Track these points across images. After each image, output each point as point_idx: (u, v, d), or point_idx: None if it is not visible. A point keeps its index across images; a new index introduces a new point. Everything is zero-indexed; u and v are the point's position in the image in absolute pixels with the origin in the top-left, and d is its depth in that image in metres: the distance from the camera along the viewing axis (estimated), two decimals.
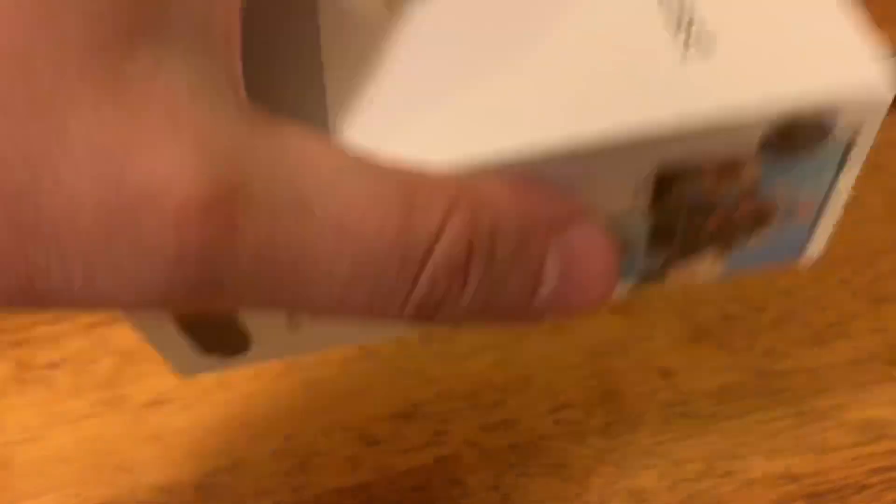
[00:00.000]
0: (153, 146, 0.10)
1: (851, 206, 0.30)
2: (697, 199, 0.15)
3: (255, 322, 0.16)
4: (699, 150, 0.14)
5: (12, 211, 0.10)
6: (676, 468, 0.26)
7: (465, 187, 0.12)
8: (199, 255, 0.11)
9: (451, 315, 0.13)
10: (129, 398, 0.28)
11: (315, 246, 0.11)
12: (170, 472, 0.26)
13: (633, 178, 0.14)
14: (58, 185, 0.10)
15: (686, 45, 0.14)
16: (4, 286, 0.11)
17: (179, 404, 0.28)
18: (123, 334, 0.29)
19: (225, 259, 0.11)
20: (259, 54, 0.14)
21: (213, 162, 0.11)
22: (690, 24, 0.14)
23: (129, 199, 0.10)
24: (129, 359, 0.29)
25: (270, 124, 0.12)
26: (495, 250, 0.12)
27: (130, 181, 0.10)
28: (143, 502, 0.26)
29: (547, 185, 0.13)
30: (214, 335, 0.16)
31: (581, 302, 0.14)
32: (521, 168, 0.13)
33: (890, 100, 0.13)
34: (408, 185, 0.12)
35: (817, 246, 0.17)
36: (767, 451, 0.26)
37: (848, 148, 0.14)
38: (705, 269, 0.16)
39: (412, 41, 0.15)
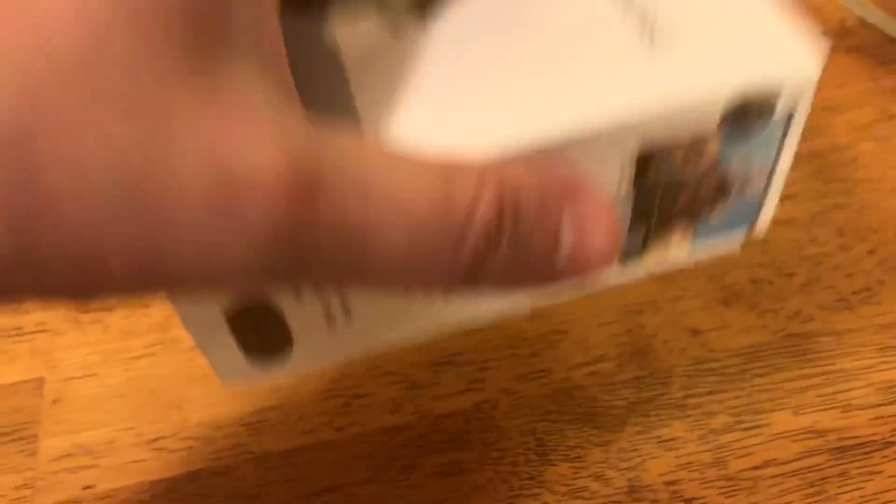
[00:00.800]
0: (243, 140, 0.12)
1: (878, 181, 0.31)
2: (670, 176, 0.17)
3: (298, 319, 0.18)
4: (670, 132, 0.16)
5: (135, 198, 0.12)
6: (705, 420, 0.27)
7: (490, 166, 0.15)
8: (288, 229, 0.13)
9: (489, 279, 0.15)
10: (180, 340, 0.29)
11: (378, 221, 0.13)
12: (218, 409, 0.28)
13: (618, 160, 0.17)
14: (171, 174, 0.12)
15: (651, 45, 0.17)
16: (131, 265, 0.12)
17: None
18: None
19: (308, 233, 0.13)
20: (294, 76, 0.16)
21: (292, 153, 0.13)
22: (653, 26, 0.17)
23: (229, 185, 0.12)
24: None
25: (326, 126, 0.14)
26: (519, 216, 0.15)
27: (229, 169, 0.12)
28: (192, 437, 0.27)
29: (555, 164, 0.16)
30: (260, 333, 0.18)
31: (593, 259, 0.16)
32: (530, 154, 0.16)
33: (818, 76, 0.17)
34: (444, 167, 0.14)
35: (766, 217, 0.20)
36: (794, 408, 0.27)
37: (788, 121, 0.17)
38: (676, 245, 0.19)
39: (419, 59, 0.17)
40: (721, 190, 0.18)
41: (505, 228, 0.15)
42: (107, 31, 0.11)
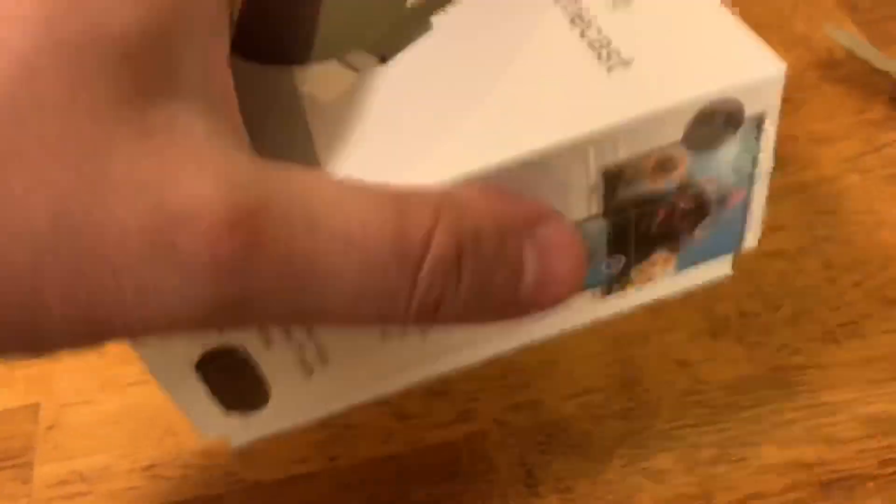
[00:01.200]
0: (182, 179, 0.12)
1: (866, 213, 0.32)
2: (642, 196, 0.17)
3: (272, 368, 0.17)
4: (633, 144, 0.16)
5: (72, 242, 0.12)
6: (692, 452, 0.27)
7: (446, 195, 0.14)
8: (230, 266, 0.13)
9: (450, 313, 0.15)
10: None
11: (326, 255, 0.13)
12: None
13: (583, 177, 0.16)
14: (109, 216, 0.12)
15: (609, 62, 0.17)
16: (72, 308, 0.12)
17: None
18: None
19: (252, 270, 0.13)
20: (248, 116, 0.16)
21: (234, 190, 0.13)
22: (610, 44, 0.17)
23: (168, 223, 0.12)
24: None
25: (274, 163, 0.14)
26: (480, 247, 0.14)
27: (167, 208, 0.12)
28: (187, 465, 0.27)
29: (514, 192, 0.16)
30: (233, 385, 0.17)
31: (558, 289, 0.16)
32: (488, 180, 0.15)
33: (782, 78, 0.16)
34: (398, 198, 0.14)
35: (753, 235, 0.19)
36: (780, 441, 0.27)
37: (758, 131, 0.17)
38: (659, 269, 0.19)
39: (378, 97, 0.17)
40: (699, 205, 0.18)
41: (464, 260, 0.14)
42: (34, 65, 0.11)
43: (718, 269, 0.21)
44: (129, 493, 0.27)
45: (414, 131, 0.16)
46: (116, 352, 0.30)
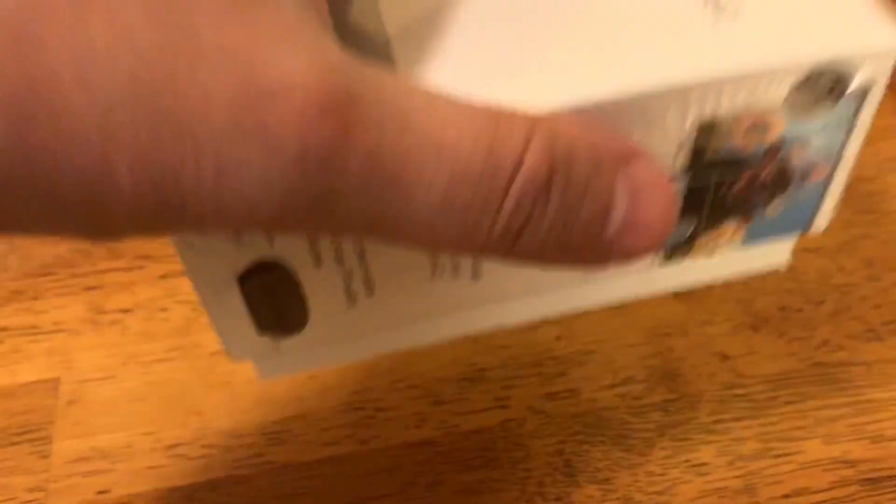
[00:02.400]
0: (275, 53, 0.11)
1: None
2: (730, 155, 0.16)
3: (316, 292, 0.16)
4: (733, 101, 0.15)
5: (152, 105, 0.11)
6: (735, 446, 0.26)
7: (541, 118, 0.13)
8: (318, 154, 0.11)
9: (532, 241, 0.14)
10: (201, 346, 0.29)
11: (417, 159, 0.12)
12: (238, 418, 0.27)
13: (677, 126, 0.15)
14: (192, 81, 0.11)
15: (719, 11, 0.16)
16: (142, 179, 0.11)
17: None
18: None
19: (339, 163, 0.12)
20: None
21: (328, 73, 0.11)
22: None
23: (257, 97, 0.11)
24: (199, 310, 0.30)
25: (363, 61, 0.13)
26: (571, 174, 0.13)
27: (258, 81, 0.11)
28: (211, 445, 0.26)
29: (611, 128, 0.15)
30: (274, 306, 0.17)
31: (647, 233, 0.14)
32: (583, 115, 0.15)
33: None
34: (492, 112, 0.13)
35: (824, 217, 0.19)
36: (824, 436, 0.26)
37: (858, 106, 0.16)
38: (726, 240, 0.18)
39: (471, 12, 0.16)
40: (781, 176, 0.17)
41: (554, 184, 0.13)
42: None
43: (778, 255, 0.20)
44: (152, 472, 0.26)
45: (502, 58, 0.15)
46: (139, 328, 0.29)
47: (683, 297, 0.30)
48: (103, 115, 0.10)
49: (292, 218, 0.12)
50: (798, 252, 0.31)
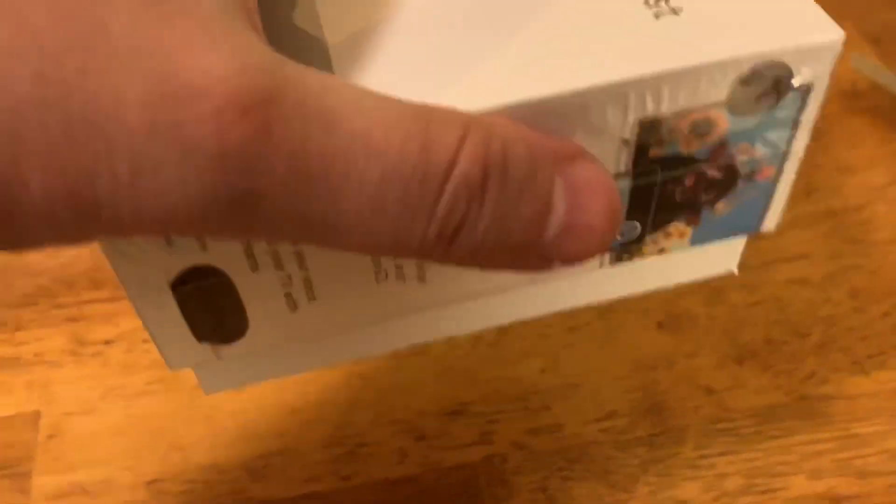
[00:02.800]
0: (193, 50, 0.11)
1: (892, 243, 0.31)
2: (674, 154, 0.16)
3: (255, 300, 0.16)
4: (676, 97, 0.15)
5: (61, 106, 0.10)
6: (719, 482, 0.26)
7: (475, 118, 0.13)
8: (239, 154, 0.11)
9: (467, 243, 0.13)
10: (182, 379, 0.29)
11: (344, 159, 0.12)
12: (220, 452, 0.27)
13: (618, 130, 0.15)
14: (103, 80, 0.10)
15: (657, 10, 0.16)
16: (55, 184, 0.11)
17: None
18: None
19: (261, 164, 0.11)
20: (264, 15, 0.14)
21: (248, 71, 0.11)
22: None
23: (172, 95, 0.11)
24: None
25: (289, 58, 0.12)
26: (507, 174, 0.13)
27: (173, 79, 0.11)
28: (193, 480, 0.26)
29: (548, 127, 0.15)
30: (212, 313, 0.16)
31: (588, 235, 0.14)
32: (521, 115, 0.14)
33: (839, 47, 0.15)
34: (424, 111, 0.13)
35: (773, 216, 0.18)
36: (809, 472, 0.26)
37: (802, 104, 0.16)
38: (674, 241, 0.18)
39: (412, 12, 0.16)
40: (727, 176, 0.17)
41: (490, 185, 0.13)
42: None
43: (725, 263, 0.20)
44: None
45: (440, 58, 0.15)
46: (121, 360, 0.29)
47: (669, 328, 0.30)
48: (10, 117, 0.10)
49: (215, 220, 0.12)
50: (785, 283, 0.31)
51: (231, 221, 0.12)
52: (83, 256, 0.32)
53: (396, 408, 0.28)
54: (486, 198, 0.13)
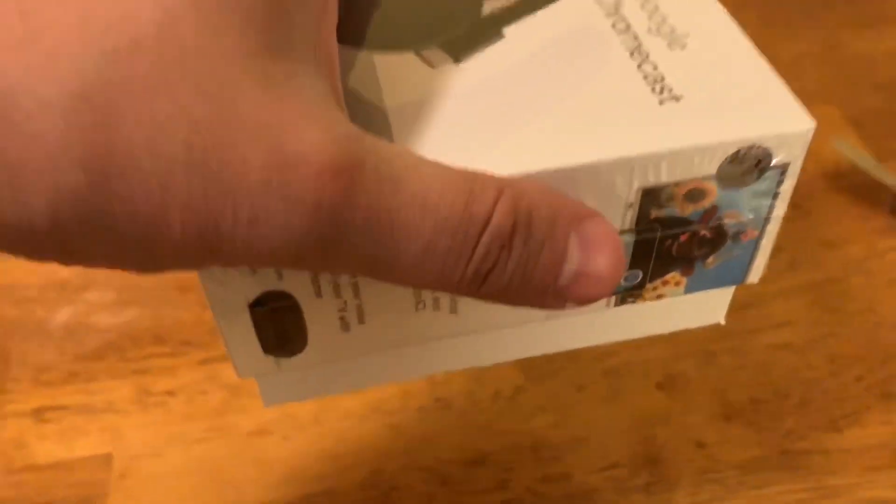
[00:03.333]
0: (299, 128, 0.14)
1: (868, 313, 0.35)
2: (672, 216, 0.19)
3: (315, 320, 0.19)
4: (673, 175, 0.18)
5: (202, 167, 0.14)
6: None
7: (508, 181, 0.16)
8: (329, 205, 0.14)
9: (496, 283, 0.16)
10: (236, 426, 0.32)
11: (406, 213, 0.15)
12: (270, 493, 0.31)
13: (624, 196, 0.18)
14: (235, 148, 0.14)
15: (662, 95, 0.19)
16: (191, 224, 0.14)
17: (280, 435, 0.32)
18: (230, 371, 0.34)
19: (345, 215, 0.14)
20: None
21: (338, 143, 0.14)
22: (664, 79, 0.19)
23: (284, 162, 0.14)
24: (236, 392, 0.34)
25: (365, 130, 0.16)
26: (531, 229, 0.16)
27: (285, 149, 0.14)
28: None
29: (568, 193, 0.18)
30: (279, 331, 0.19)
31: (595, 282, 0.17)
32: (544, 180, 0.17)
33: (810, 134, 0.19)
34: (468, 176, 0.16)
35: (757, 271, 0.21)
36: None
37: (781, 178, 0.19)
38: (670, 289, 0.21)
39: (451, 90, 0.20)
40: (717, 236, 0.20)
41: (517, 237, 0.16)
42: (178, 14, 0.13)
43: (713, 315, 0.23)
44: None
45: (480, 130, 0.18)
46: (182, 409, 0.33)
47: (666, 388, 0.33)
48: (164, 173, 0.13)
49: (306, 258, 0.15)
50: (769, 348, 0.35)
51: (316, 258, 0.15)
52: (146, 315, 0.36)
53: (424, 456, 0.32)
54: (514, 246, 0.16)
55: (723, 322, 0.23)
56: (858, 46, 0.49)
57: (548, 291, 0.17)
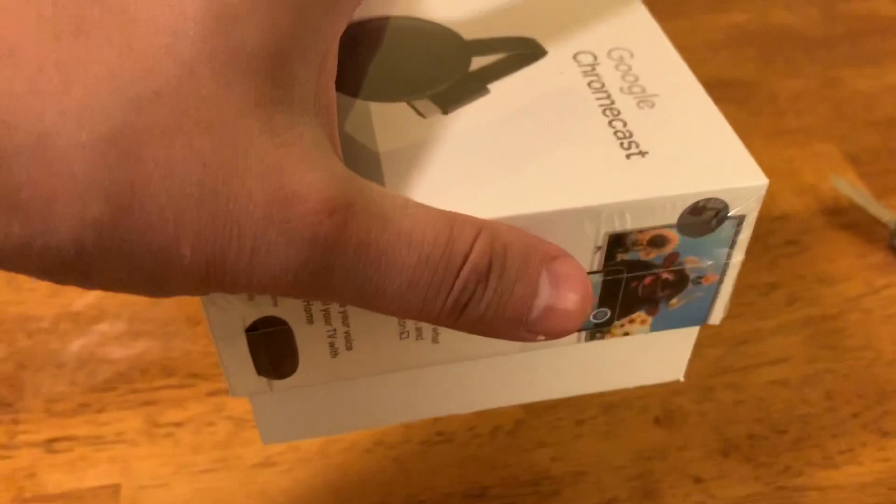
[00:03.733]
0: (298, 170, 0.16)
1: (865, 350, 0.36)
2: (636, 259, 0.20)
3: (306, 345, 0.21)
4: (637, 222, 0.20)
5: (212, 203, 0.15)
6: None
7: (486, 222, 0.18)
8: (324, 240, 0.16)
9: (473, 314, 0.18)
10: (242, 458, 0.33)
11: (393, 248, 0.17)
12: None
13: (592, 240, 0.20)
14: (243, 188, 0.15)
15: (629, 152, 0.20)
16: (199, 253, 0.15)
17: (284, 467, 0.33)
18: (236, 404, 0.35)
19: (338, 249, 0.16)
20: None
21: (333, 185, 0.16)
22: (631, 139, 0.21)
23: (285, 199, 0.15)
24: (241, 425, 0.34)
25: (358, 175, 0.17)
26: (506, 266, 0.18)
27: (286, 188, 0.16)
28: None
29: (541, 235, 0.19)
30: (272, 354, 0.21)
31: (565, 315, 0.18)
32: (519, 224, 0.19)
33: (763, 190, 0.20)
34: (449, 216, 0.17)
35: (718, 312, 0.22)
36: None
37: (738, 229, 0.20)
38: (637, 326, 0.22)
39: (437, 139, 0.21)
40: (679, 279, 0.21)
41: (493, 273, 0.17)
42: (194, 68, 0.15)
43: (672, 372, 0.25)
44: None
45: (463, 176, 0.20)
46: (189, 441, 0.34)
47: (664, 423, 0.34)
48: (178, 207, 0.15)
49: (301, 287, 0.16)
50: (766, 384, 0.35)
51: (310, 287, 0.16)
52: (156, 347, 0.37)
53: (425, 489, 0.32)
54: (490, 281, 0.17)
55: (682, 379, 0.25)
56: (857, 84, 0.50)
57: (520, 324, 0.18)
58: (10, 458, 0.33)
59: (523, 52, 0.23)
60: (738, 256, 0.21)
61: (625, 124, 0.21)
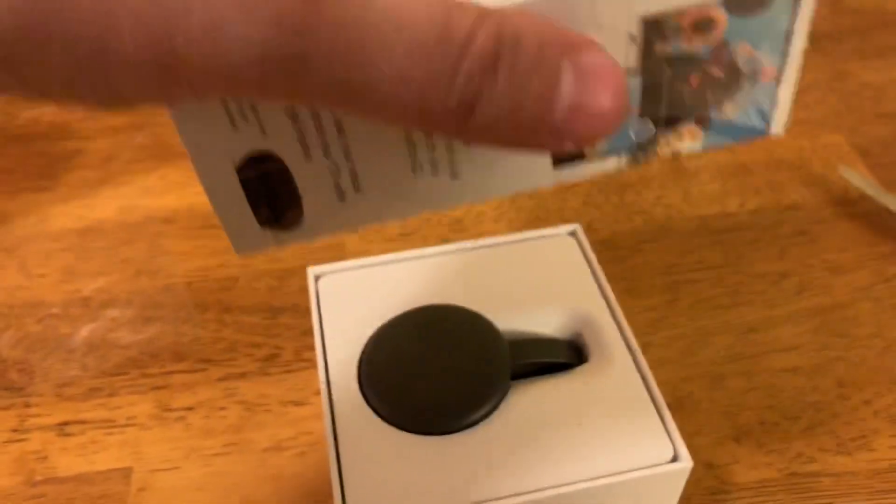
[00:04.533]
0: None
1: (876, 338, 0.35)
2: (679, 52, 0.17)
3: (308, 187, 0.18)
4: (675, 2, 0.16)
5: None
6: None
7: (492, 10, 0.15)
8: (291, 20, 0.13)
9: (485, 116, 0.15)
10: (253, 442, 0.33)
11: (378, 30, 0.14)
12: None
13: (624, 25, 0.17)
14: None
15: None
16: (143, 39, 0.13)
17: (295, 451, 0.33)
18: (247, 389, 0.35)
19: (309, 30, 0.13)
20: None
21: None
22: None
23: None
24: (253, 410, 0.34)
25: None
26: (518, 54, 0.15)
27: None
28: None
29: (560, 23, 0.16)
30: (272, 201, 0.18)
31: (596, 116, 0.15)
32: (534, 9, 0.16)
33: None
34: (447, 1, 0.15)
35: (781, 118, 0.19)
36: None
37: (796, 3, 0.17)
38: (686, 144, 0.19)
39: None
40: (731, 75, 0.18)
41: (501, 62, 0.14)
42: None
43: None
44: None
45: None
46: (200, 425, 0.34)
47: (675, 409, 0.34)
48: None
49: (271, 81, 0.14)
50: (778, 372, 0.35)
51: (283, 81, 0.14)
52: (166, 333, 0.37)
53: None
54: (499, 72, 0.14)
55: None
56: (865, 76, 0.50)
57: (542, 126, 0.15)
58: (21, 440, 0.33)
59: None
60: (800, 41, 0.17)
61: None
